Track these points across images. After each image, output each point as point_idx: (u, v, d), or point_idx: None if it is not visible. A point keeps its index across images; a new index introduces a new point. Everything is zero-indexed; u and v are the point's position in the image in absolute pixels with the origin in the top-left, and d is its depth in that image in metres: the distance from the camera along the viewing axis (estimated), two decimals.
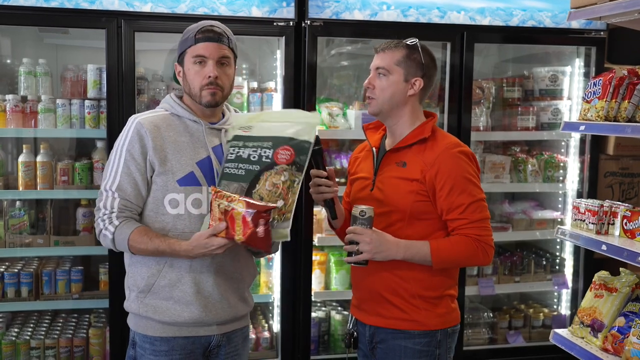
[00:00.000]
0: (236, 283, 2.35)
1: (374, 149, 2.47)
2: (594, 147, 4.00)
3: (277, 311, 3.78)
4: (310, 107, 3.54)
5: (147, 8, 3.33)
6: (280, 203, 2.15)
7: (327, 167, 2.32)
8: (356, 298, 2.50)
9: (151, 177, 2.25)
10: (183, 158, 2.25)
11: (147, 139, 2.22)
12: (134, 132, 2.24)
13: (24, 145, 3.49)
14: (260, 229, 2.05)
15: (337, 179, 2.40)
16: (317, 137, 2.29)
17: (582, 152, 4.05)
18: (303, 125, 2.24)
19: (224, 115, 2.39)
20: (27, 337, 3.53)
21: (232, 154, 2.24)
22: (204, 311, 2.26)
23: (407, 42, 2.37)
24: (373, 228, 2.26)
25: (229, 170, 2.22)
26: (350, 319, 2.53)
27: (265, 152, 2.20)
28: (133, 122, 2.27)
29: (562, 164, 4.12)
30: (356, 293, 2.50)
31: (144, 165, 2.23)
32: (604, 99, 2.40)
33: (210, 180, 2.26)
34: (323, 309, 4.01)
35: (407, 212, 2.31)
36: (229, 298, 2.32)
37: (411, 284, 2.33)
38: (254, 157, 2.20)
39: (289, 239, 2.18)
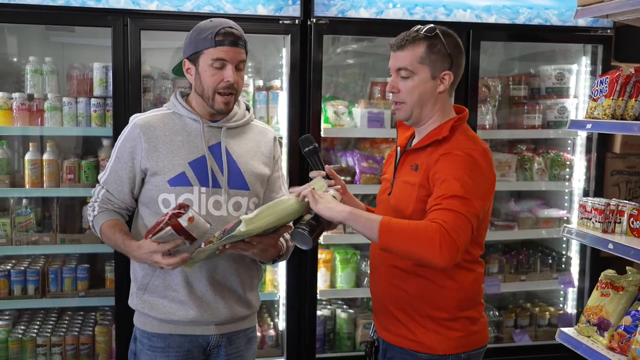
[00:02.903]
0: (232, 285, 2.33)
1: (398, 148, 2.28)
2: (600, 145, 3.99)
3: (282, 309, 3.78)
4: (316, 105, 3.54)
5: (153, 6, 3.33)
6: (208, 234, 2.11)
7: (326, 165, 2.22)
8: (373, 307, 2.34)
9: (143, 178, 2.30)
10: (176, 158, 2.26)
11: (139, 140, 2.26)
12: (128, 132, 2.31)
13: (30, 144, 3.50)
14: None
15: (342, 178, 2.33)
16: (308, 137, 2.24)
17: (588, 151, 4.04)
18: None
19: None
20: (34, 335, 3.54)
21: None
22: (199, 311, 2.27)
23: (426, 33, 2.09)
24: None
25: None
26: (372, 325, 2.37)
27: None
28: (131, 122, 2.32)
29: (568, 163, 4.10)
30: (372, 302, 2.34)
31: (131, 165, 2.28)
32: (611, 97, 2.39)
33: (202, 179, 2.26)
34: (328, 307, 4.01)
35: None
36: (224, 299, 2.31)
37: (419, 302, 2.12)
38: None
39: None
